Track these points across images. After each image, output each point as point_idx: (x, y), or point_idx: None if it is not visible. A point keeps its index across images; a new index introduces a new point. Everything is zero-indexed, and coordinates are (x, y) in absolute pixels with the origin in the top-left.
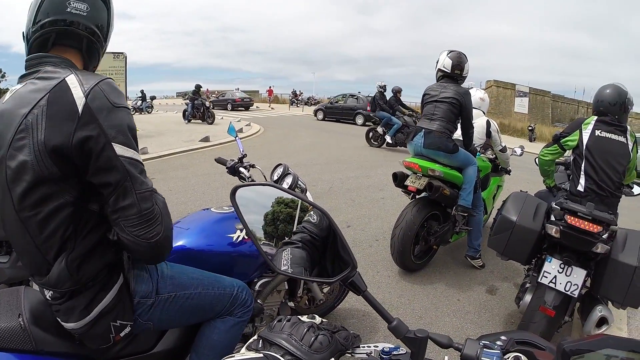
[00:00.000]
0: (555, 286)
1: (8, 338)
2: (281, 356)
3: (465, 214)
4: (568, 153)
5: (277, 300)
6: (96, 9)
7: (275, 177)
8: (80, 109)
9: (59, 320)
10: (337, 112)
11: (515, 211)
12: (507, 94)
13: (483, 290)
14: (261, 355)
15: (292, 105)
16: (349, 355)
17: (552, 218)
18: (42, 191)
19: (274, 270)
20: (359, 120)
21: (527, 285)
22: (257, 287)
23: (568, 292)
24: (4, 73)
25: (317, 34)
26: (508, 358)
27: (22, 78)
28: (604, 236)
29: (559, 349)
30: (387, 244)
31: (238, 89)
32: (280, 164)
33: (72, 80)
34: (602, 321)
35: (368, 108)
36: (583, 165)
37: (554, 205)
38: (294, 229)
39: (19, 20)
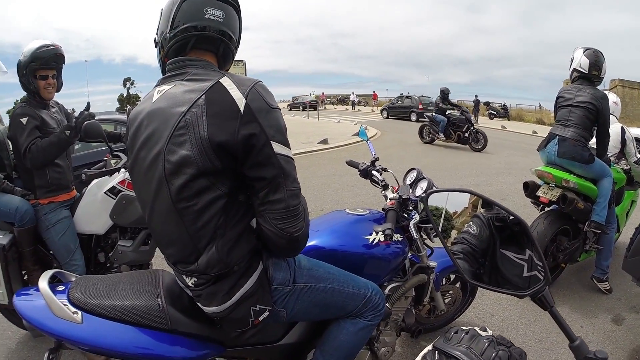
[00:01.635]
0: None
1: (147, 315)
2: None
3: (598, 231)
4: None
5: (404, 305)
6: (230, 16)
7: (408, 182)
8: (242, 108)
9: (199, 304)
10: (396, 110)
11: None
12: (635, 95)
13: (609, 319)
14: None
15: None
16: None
17: None
18: (200, 183)
19: (471, 283)
20: (413, 117)
21: None
22: (387, 291)
23: None
24: (133, 81)
25: (426, 36)
26: None
27: (166, 79)
28: None
29: None
30: None
31: (353, 92)
32: (413, 169)
33: (227, 82)
34: None
35: (420, 107)
36: None
37: None
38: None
39: (142, 35)
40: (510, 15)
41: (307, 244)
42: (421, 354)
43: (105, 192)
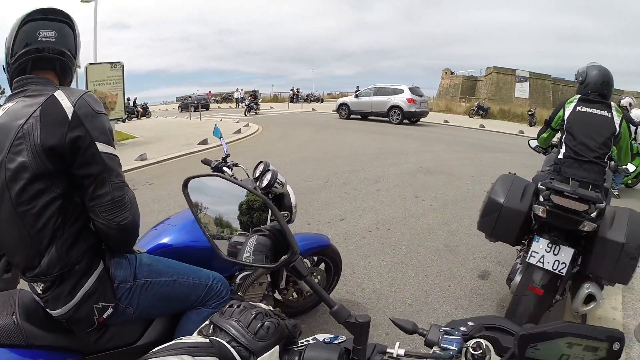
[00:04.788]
0: (543, 265)
1: (3, 335)
2: (227, 342)
3: None
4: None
5: (260, 292)
6: (63, 33)
7: (257, 174)
8: (70, 115)
9: (48, 311)
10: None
11: (502, 193)
12: (508, 80)
13: (475, 275)
14: (207, 340)
15: (291, 102)
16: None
17: (540, 199)
18: (36, 187)
19: (221, 257)
20: None
21: (518, 266)
22: (237, 280)
23: (556, 271)
24: (4, 89)
25: (312, 32)
26: (470, 344)
27: (11, 97)
28: (593, 214)
29: (516, 336)
30: (380, 235)
31: (242, 89)
32: (261, 162)
33: (59, 94)
34: (590, 298)
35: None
36: (564, 137)
37: (540, 185)
38: (269, 218)
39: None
40: (394, 11)
41: (156, 243)
42: (198, 329)
43: None
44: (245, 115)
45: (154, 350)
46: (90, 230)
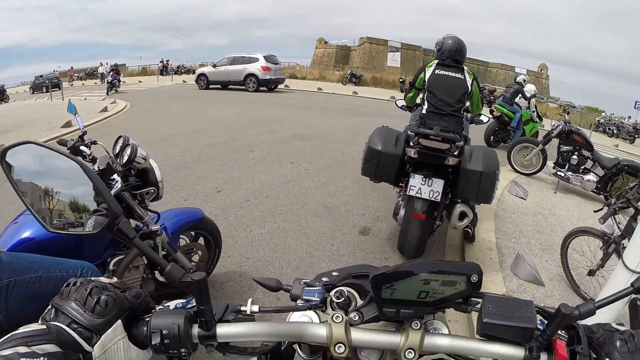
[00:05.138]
0: (421, 195)
1: None
2: (67, 325)
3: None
4: None
5: (137, 276)
6: None
7: (117, 150)
8: None
9: None
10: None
11: (379, 142)
12: (380, 50)
13: (356, 232)
14: (44, 327)
15: (161, 75)
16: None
17: (411, 144)
18: None
19: (45, 228)
20: None
21: (400, 202)
22: (111, 267)
23: (432, 198)
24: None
25: None
26: (332, 293)
27: None
28: (455, 153)
29: (370, 278)
30: (258, 203)
31: (107, 63)
32: (120, 136)
33: None
34: (463, 215)
35: None
36: (426, 95)
37: (410, 132)
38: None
39: None
40: None
41: (18, 239)
42: (42, 315)
43: None
44: (107, 94)
45: None
46: None
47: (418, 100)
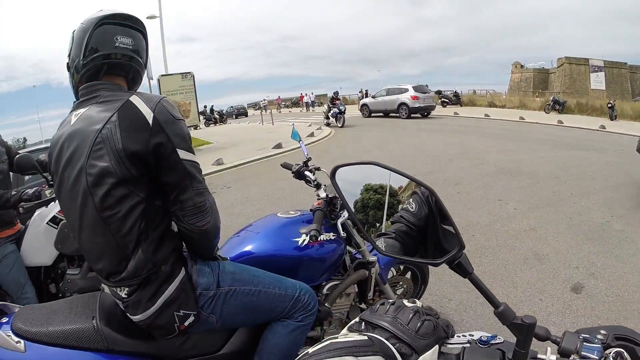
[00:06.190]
0: None
1: (82, 338)
2: (386, 339)
3: None
4: None
5: (347, 303)
6: (138, 41)
7: None
8: (150, 121)
9: (128, 315)
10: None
11: None
12: (582, 70)
13: (567, 288)
14: (365, 337)
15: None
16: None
17: None
18: (120, 191)
19: (379, 251)
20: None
21: None
22: (324, 291)
23: None
24: None
25: (373, 32)
26: (610, 353)
27: (81, 104)
28: None
29: None
30: (465, 240)
31: (308, 93)
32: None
33: (136, 100)
34: None
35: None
36: None
37: None
38: (385, 215)
39: None
40: (452, 5)
41: (239, 251)
42: (348, 325)
43: (47, 223)
44: (329, 125)
45: (309, 351)
46: (172, 232)
47: None
